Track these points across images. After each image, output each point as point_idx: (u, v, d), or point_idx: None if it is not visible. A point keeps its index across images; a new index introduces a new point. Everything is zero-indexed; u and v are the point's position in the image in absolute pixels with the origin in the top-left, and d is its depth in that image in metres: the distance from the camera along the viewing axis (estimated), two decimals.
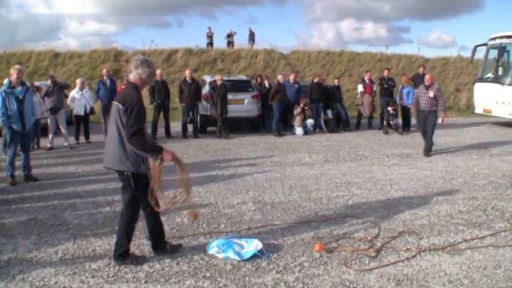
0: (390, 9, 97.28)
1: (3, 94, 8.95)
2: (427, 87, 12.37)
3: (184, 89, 15.51)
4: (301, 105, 16.46)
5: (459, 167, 10.72)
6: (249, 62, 28.41)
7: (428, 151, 12.43)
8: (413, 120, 16.32)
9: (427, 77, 12.74)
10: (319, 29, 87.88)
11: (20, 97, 9.06)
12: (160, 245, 5.59)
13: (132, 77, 5.15)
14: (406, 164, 11.16)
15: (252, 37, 31.77)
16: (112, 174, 9.76)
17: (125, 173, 5.07)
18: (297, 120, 16.52)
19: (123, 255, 5.26)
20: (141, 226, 6.46)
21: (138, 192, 5.17)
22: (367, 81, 18.16)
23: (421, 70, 18.95)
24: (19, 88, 9.10)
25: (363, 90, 18.05)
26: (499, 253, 5.66)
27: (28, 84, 10.09)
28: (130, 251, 5.37)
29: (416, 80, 18.38)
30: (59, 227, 6.58)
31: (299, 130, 16.49)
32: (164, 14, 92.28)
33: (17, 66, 9.45)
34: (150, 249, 5.62)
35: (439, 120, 12.63)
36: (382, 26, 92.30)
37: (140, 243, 5.88)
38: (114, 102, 5.12)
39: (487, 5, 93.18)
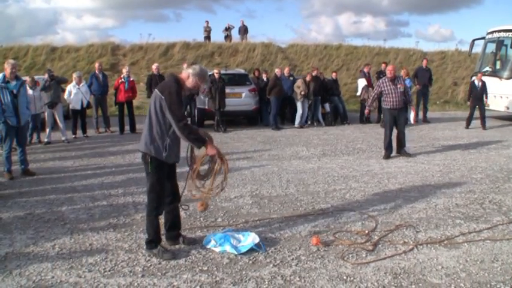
0: (389, 3, 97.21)
1: None
2: (393, 81, 10.99)
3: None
4: (307, 79, 16.58)
5: (456, 161, 10.72)
6: (246, 56, 28.38)
7: (404, 149, 11.41)
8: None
9: (389, 68, 11.24)
10: (317, 22, 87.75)
11: (14, 91, 9.02)
12: (174, 236, 5.68)
13: (184, 74, 5.32)
14: (404, 157, 11.14)
15: (244, 30, 31.61)
16: (109, 169, 9.81)
17: (146, 156, 5.22)
18: (301, 89, 16.41)
19: (150, 243, 5.40)
20: (139, 220, 6.47)
21: (159, 180, 5.30)
22: (367, 75, 18.02)
23: (424, 63, 18.74)
24: (13, 82, 9.06)
25: (366, 83, 17.83)
26: (496, 246, 5.66)
27: (26, 78, 10.06)
28: (163, 243, 5.51)
29: (420, 74, 18.24)
30: (56, 221, 6.57)
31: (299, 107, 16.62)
32: (162, 8, 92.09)
33: (11, 60, 9.41)
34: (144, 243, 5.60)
35: (411, 117, 12.05)
36: (381, 19, 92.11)
37: (137, 237, 5.87)
38: (155, 89, 5.30)
39: None
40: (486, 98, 16.75)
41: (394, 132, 11.35)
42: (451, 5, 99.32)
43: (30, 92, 11.98)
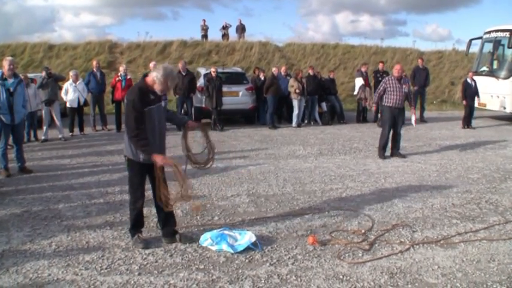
0: (387, 2, 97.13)
1: None
2: (399, 80, 10.93)
3: (178, 81, 15.43)
4: (298, 77, 16.50)
5: (453, 161, 10.73)
6: (243, 55, 28.34)
7: (398, 151, 11.32)
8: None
9: (396, 67, 11.14)
10: (315, 21, 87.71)
11: (11, 89, 8.99)
12: (170, 233, 5.80)
13: (149, 76, 5.42)
14: (400, 158, 11.14)
15: (241, 29, 31.58)
16: (106, 167, 9.80)
17: (125, 157, 5.58)
18: (295, 87, 16.34)
19: (130, 230, 5.77)
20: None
21: (135, 178, 5.60)
22: (364, 74, 17.99)
23: (420, 63, 18.75)
24: (11, 80, 9.03)
25: (363, 83, 17.76)
26: (493, 247, 5.68)
27: (21, 76, 10.02)
28: (140, 234, 5.75)
29: (417, 74, 18.23)
30: (52, 219, 6.57)
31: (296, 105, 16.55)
32: (159, 6, 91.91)
33: (9, 57, 9.38)
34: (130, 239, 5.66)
35: (413, 119, 12.02)
36: (378, 18, 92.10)
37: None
38: None
39: None
40: (478, 97, 16.82)
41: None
42: (449, 4, 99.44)
43: None
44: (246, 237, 5.58)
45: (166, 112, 5.89)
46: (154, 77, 5.28)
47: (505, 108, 17.75)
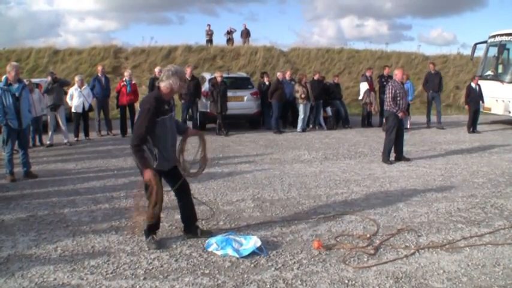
0: (392, 6, 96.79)
1: None
2: (402, 84, 11.20)
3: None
4: (302, 82, 16.51)
5: (458, 165, 10.71)
6: (248, 59, 28.37)
7: (402, 154, 11.32)
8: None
9: (399, 72, 11.21)
10: (320, 26, 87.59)
11: (16, 94, 9.04)
12: (191, 228, 6.00)
13: (163, 85, 5.45)
14: (405, 161, 11.12)
15: (246, 34, 31.61)
16: (111, 171, 9.82)
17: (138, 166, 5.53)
18: (300, 92, 16.30)
19: (145, 231, 5.81)
20: (141, 223, 6.48)
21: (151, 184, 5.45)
22: (369, 79, 17.95)
23: (431, 68, 18.44)
24: (15, 85, 9.08)
25: (368, 87, 17.71)
26: (498, 251, 5.66)
27: (25, 81, 10.06)
28: (154, 235, 5.83)
29: (430, 80, 18.05)
30: (58, 223, 6.59)
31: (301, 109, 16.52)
32: (165, 11, 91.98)
33: (14, 63, 9.44)
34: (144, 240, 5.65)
35: (407, 123, 11.99)
36: (384, 23, 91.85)
37: (139, 240, 5.87)
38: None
39: (490, 2, 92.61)
40: (483, 102, 16.78)
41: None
42: (454, 9, 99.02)
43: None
44: (251, 242, 5.58)
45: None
46: (172, 84, 5.39)
47: (510, 112, 17.69)
